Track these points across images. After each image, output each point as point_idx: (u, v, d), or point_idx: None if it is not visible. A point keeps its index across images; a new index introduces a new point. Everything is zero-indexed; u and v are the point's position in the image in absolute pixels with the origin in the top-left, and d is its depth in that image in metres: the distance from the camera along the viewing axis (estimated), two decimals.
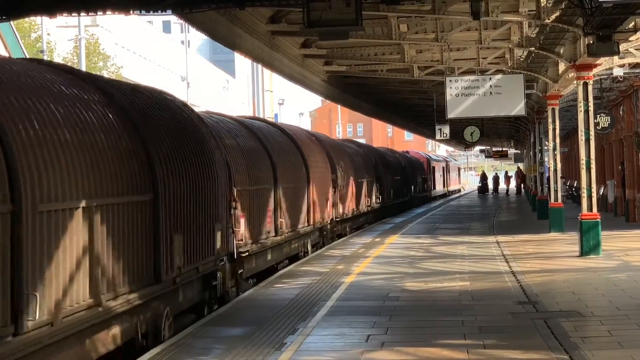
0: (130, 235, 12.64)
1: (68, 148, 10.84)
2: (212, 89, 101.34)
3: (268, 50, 26.81)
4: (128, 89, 15.03)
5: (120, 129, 12.94)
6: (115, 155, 12.37)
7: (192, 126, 16.97)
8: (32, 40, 51.06)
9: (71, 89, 12.32)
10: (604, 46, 19.63)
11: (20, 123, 9.98)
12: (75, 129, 11.30)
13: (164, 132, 14.84)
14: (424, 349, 12.20)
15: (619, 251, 23.97)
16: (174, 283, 14.38)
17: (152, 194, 13.51)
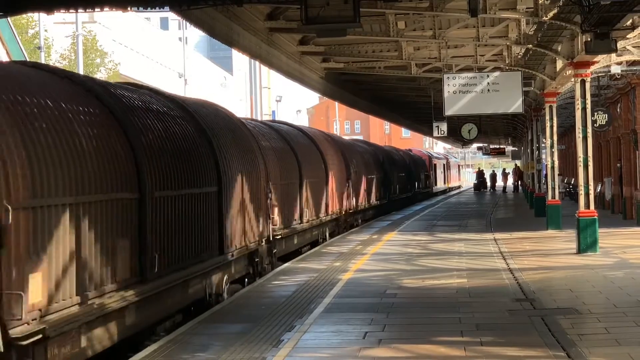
0: (206, 218, 16.79)
1: (169, 154, 15.12)
2: (210, 86, 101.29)
3: (266, 47, 26.79)
4: (198, 105, 19.62)
5: (200, 139, 17.46)
6: (197, 158, 16.66)
7: (240, 131, 21.16)
8: (30, 37, 51.01)
9: (163, 108, 16.65)
10: (602, 43, 19.62)
11: (141, 137, 14.02)
12: (172, 140, 15.61)
13: (225, 140, 19.05)
14: (421, 346, 12.21)
15: (616, 248, 23.99)
16: (232, 256, 18.35)
17: (217, 187, 17.61)
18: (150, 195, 13.62)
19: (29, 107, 10.88)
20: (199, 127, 17.76)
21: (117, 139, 13.19)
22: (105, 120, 13.15)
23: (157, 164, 14.23)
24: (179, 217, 15.16)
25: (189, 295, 15.76)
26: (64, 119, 11.66)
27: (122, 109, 13.97)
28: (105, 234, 12.16)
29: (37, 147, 10.52)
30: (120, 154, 13.09)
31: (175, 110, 17.32)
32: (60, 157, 11.05)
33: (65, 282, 10.89)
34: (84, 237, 11.40)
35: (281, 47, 28.37)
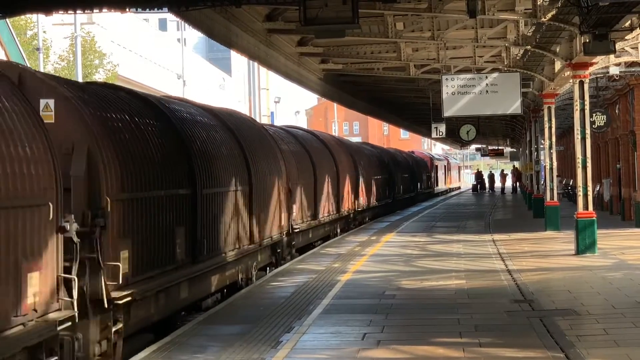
0: (240, 212, 19.44)
1: (212, 158, 17.84)
2: (208, 87, 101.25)
3: (264, 48, 26.79)
4: (228, 114, 22.56)
5: (234, 144, 20.14)
6: (233, 161, 19.39)
7: (264, 137, 24.10)
8: (28, 38, 50.97)
9: (204, 119, 19.44)
10: (600, 45, 19.62)
11: (193, 143, 16.99)
12: (213, 146, 18.39)
13: (253, 145, 21.86)
14: (419, 347, 12.21)
15: (615, 249, 23.99)
16: (259, 246, 21.09)
17: (249, 186, 20.26)
18: (200, 192, 16.57)
19: (115, 122, 13.78)
20: (232, 134, 20.57)
21: (176, 146, 16.11)
22: (166, 130, 16.12)
23: (204, 166, 17.10)
24: (220, 211, 18.01)
25: (225, 277, 18.46)
26: (139, 131, 14.57)
27: (178, 121, 17.01)
28: (169, 222, 14.96)
29: (126, 152, 13.43)
30: (178, 158, 15.98)
31: (212, 120, 20.15)
32: (139, 161, 13.86)
33: (143, 259, 13.63)
34: (155, 224, 14.23)
35: (280, 48, 28.38)
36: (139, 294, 13.10)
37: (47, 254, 10.40)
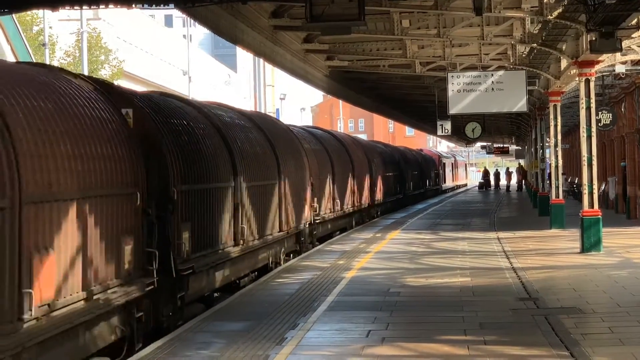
0: (271, 203, 22.31)
1: (250, 156, 20.71)
2: (214, 84, 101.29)
3: (270, 45, 26.80)
4: (260, 117, 26.24)
5: (266, 143, 22.92)
6: (265, 159, 22.30)
7: (290, 137, 26.99)
8: (34, 34, 50.98)
9: (241, 122, 22.40)
10: (607, 43, 19.60)
11: (234, 143, 19.70)
12: (250, 145, 21.29)
13: (282, 144, 24.62)
14: (424, 344, 12.21)
15: (620, 248, 23.97)
16: (287, 234, 23.96)
17: (278, 180, 23.11)
18: (240, 185, 19.34)
19: (177, 126, 16.68)
20: (264, 135, 23.35)
21: (221, 146, 18.89)
22: (214, 133, 18.90)
23: (244, 163, 19.91)
24: (256, 201, 20.75)
25: (259, 260, 21.33)
26: (194, 134, 17.44)
27: (222, 125, 19.81)
28: (220, 209, 17.87)
29: (186, 152, 16.22)
30: (224, 156, 18.75)
31: (247, 122, 23.11)
32: (196, 158, 16.71)
33: (199, 239, 16.28)
34: (207, 211, 17.02)
35: (285, 44, 28.37)
36: (196, 267, 15.73)
37: (136, 232, 13.36)
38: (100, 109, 13.03)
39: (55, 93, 11.86)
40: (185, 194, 15.62)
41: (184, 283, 15.39)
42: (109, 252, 12.25)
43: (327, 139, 35.71)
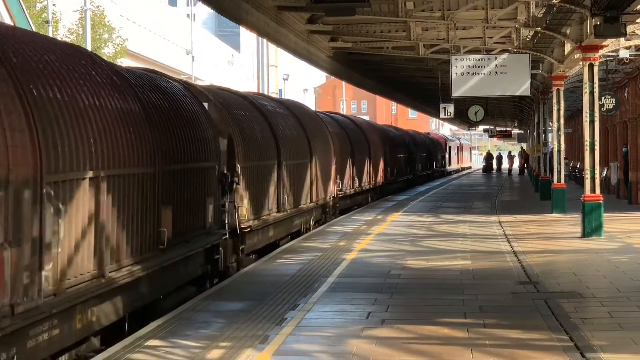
0: (305, 179, 26.87)
1: (288, 139, 25.04)
2: (217, 63, 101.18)
3: (274, 25, 26.73)
4: (292, 104, 30.63)
5: (299, 128, 27.21)
6: (300, 141, 26.69)
7: (318, 121, 31.59)
8: (38, 11, 50.91)
9: (278, 109, 26.59)
10: (611, 27, 19.57)
11: (277, 128, 24.06)
12: (289, 129, 25.68)
13: (312, 127, 29.06)
14: (424, 327, 12.23)
15: (621, 233, 23.98)
16: (316, 205, 28.52)
17: (309, 159, 27.51)
18: (282, 163, 23.66)
19: (238, 116, 21.11)
20: (298, 121, 27.65)
21: (269, 131, 23.25)
22: (262, 120, 23.19)
23: (284, 144, 24.15)
24: (293, 177, 25.12)
25: (293, 226, 25.69)
26: (249, 121, 21.72)
27: (267, 113, 24.21)
28: (268, 183, 22.35)
29: (245, 136, 20.58)
30: (271, 140, 23.15)
31: (284, 110, 27.41)
32: (252, 141, 21.10)
33: (255, 205, 20.76)
34: (259, 184, 21.36)
35: (289, 25, 28.31)
36: (253, 227, 20.15)
37: (215, 196, 17.40)
38: (192, 104, 17.19)
39: (168, 94, 16.04)
40: (245, 169, 19.86)
41: (244, 238, 19.72)
42: (202, 208, 16.48)
43: (347, 123, 39.81)
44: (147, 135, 13.53)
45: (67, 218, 10.55)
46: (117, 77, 13.51)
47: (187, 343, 11.42)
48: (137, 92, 14.00)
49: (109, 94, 12.57)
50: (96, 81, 12.40)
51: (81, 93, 11.51)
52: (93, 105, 11.72)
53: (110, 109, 12.34)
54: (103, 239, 11.63)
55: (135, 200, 12.93)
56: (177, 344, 11.38)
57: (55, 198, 10.17)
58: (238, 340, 11.43)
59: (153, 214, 13.64)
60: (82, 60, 12.55)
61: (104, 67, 13.34)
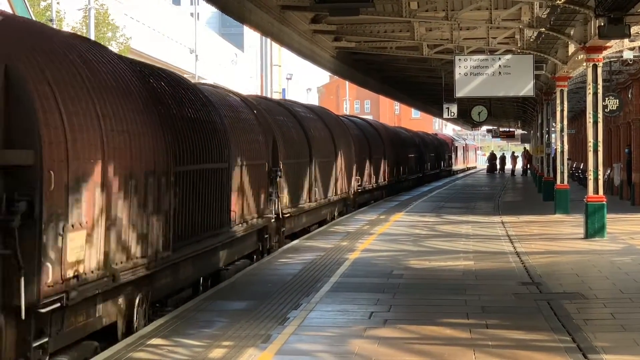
0: (330, 174, 30.65)
1: (318, 140, 29.04)
2: (221, 63, 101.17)
3: (278, 25, 26.74)
4: (319, 108, 35.93)
5: (326, 130, 31.30)
6: (327, 142, 30.73)
7: (341, 124, 35.66)
8: (42, 9, 50.92)
9: (309, 114, 30.78)
10: (615, 28, 19.54)
11: (309, 131, 28.23)
12: (317, 132, 29.62)
13: (337, 130, 33.22)
14: (426, 327, 12.23)
15: (624, 234, 23.97)
16: (340, 198, 32.51)
17: (334, 158, 31.40)
18: (313, 161, 27.76)
19: (279, 121, 25.06)
20: (324, 124, 31.77)
21: (302, 133, 27.27)
22: (296, 124, 27.31)
23: (315, 144, 28.23)
24: (322, 173, 29.13)
25: (322, 215, 30.08)
26: (287, 126, 25.87)
27: (300, 118, 28.30)
28: (302, 177, 26.52)
29: (285, 138, 24.47)
30: (304, 140, 27.18)
31: (313, 114, 31.42)
32: (290, 142, 25.07)
33: (292, 195, 24.70)
34: (295, 178, 25.30)
35: (293, 25, 28.32)
36: (291, 214, 24.47)
37: (265, 187, 21.57)
38: (249, 113, 21.25)
39: (231, 106, 20.12)
40: (285, 165, 23.74)
41: (284, 223, 23.81)
42: (255, 198, 20.39)
43: (365, 126, 43.94)
44: (227, 141, 17.78)
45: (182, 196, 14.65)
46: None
47: (190, 342, 11.43)
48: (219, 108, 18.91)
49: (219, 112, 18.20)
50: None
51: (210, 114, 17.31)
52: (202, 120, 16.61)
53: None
54: (211, 211, 16.51)
55: (212, 189, 16.55)
56: (179, 343, 11.40)
57: (183, 182, 14.66)
58: (240, 340, 11.44)
59: (227, 199, 17.67)
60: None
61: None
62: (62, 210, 10.09)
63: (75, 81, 10.86)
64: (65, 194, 10.18)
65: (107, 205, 11.36)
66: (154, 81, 14.67)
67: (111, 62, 12.79)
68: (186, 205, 14.82)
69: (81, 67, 11.27)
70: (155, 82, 14.70)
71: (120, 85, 12.44)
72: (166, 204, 13.60)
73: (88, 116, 10.84)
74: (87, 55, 11.86)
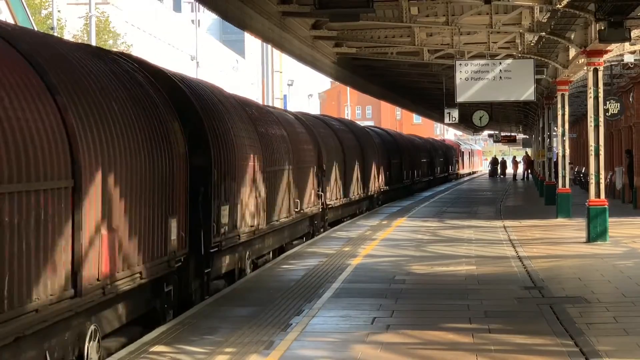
0: (360, 176, 36.93)
1: (351, 148, 35.64)
2: (222, 69, 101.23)
3: (278, 31, 26.76)
4: (349, 122, 43.02)
5: (355, 140, 37.37)
6: (356, 149, 36.89)
7: (367, 133, 42.15)
8: (43, 17, 51.04)
9: (342, 127, 37.47)
10: (616, 32, 19.56)
11: (343, 141, 34.92)
12: (349, 141, 36.07)
13: (365, 140, 39.85)
14: (429, 332, 12.24)
15: (626, 238, 23.96)
16: (367, 196, 38.75)
17: (363, 163, 37.44)
18: (346, 164, 33.71)
19: (320, 132, 30.43)
20: (353, 134, 38.16)
21: (337, 142, 33.22)
22: (333, 134, 33.12)
23: (347, 151, 34.23)
24: (353, 174, 35.08)
25: (353, 209, 36.47)
26: (327, 136, 31.81)
27: (335, 129, 34.52)
28: (338, 178, 31.88)
29: (325, 146, 30.19)
30: (339, 148, 33.08)
31: (344, 126, 38.02)
32: (329, 149, 30.74)
33: (332, 193, 30.86)
34: (334, 177, 30.99)
35: (294, 31, 28.35)
36: (333, 204, 30.85)
37: (314, 184, 27.26)
38: (300, 127, 27.69)
39: (289, 122, 26.39)
40: (327, 168, 29.83)
41: (328, 212, 30.37)
42: (308, 192, 26.56)
43: (385, 135, 50.30)
44: (290, 149, 24.18)
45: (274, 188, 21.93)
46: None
47: (193, 349, 11.42)
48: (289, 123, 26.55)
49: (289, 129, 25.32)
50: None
51: (286, 130, 24.82)
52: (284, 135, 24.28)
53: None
54: (272, 202, 21.77)
55: (283, 184, 23.07)
56: (182, 350, 11.39)
57: (269, 178, 21.30)
58: (243, 346, 11.44)
59: (291, 192, 23.97)
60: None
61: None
62: (219, 193, 16.48)
63: (238, 117, 19.58)
64: (226, 183, 17.03)
65: (239, 190, 18.22)
66: (248, 109, 21.49)
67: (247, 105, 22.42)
68: (270, 195, 21.34)
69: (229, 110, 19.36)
70: (249, 110, 21.59)
71: (244, 117, 20.51)
72: (263, 192, 20.41)
73: (239, 136, 18.77)
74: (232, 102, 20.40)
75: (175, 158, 14.17)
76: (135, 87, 13.57)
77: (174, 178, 14.04)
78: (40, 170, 9.52)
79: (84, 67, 11.86)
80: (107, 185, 11.20)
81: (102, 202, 11.02)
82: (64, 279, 10.13)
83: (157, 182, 13.21)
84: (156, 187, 13.18)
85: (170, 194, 13.86)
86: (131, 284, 12.20)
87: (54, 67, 10.82)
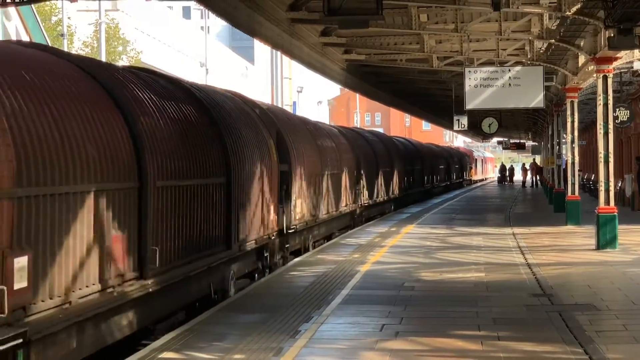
0: (384, 181, 42.17)
1: (381, 155, 42.78)
2: (231, 76, 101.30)
3: (288, 38, 26.77)
4: (380, 133, 51.78)
5: (386, 149, 44.56)
6: (385, 156, 43.32)
7: (395, 142, 49.62)
8: (53, 24, 51.16)
9: (371, 137, 43.39)
10: (625, 39, 19.54)
11: (377, 150, 42.37)
12: (380, 149, 42.98)
13: (392, 148, 46.68)
14: (438, 339, 12.23)
15: (636, 245, 23.92)
16: (394, 198, 45.18)
17: (391, 169, 44.18)
18: (379, 171, 39.96)
19: (357, 143, 37.40)
20: (384, 144, 44.25)
21: (371, 151, 39.52)
22: (367, 145, 39.49)
23: (379, 159, 40.73)
24: (383, 178, 40.85)
25: (384, 208, 41.63)
26: (362, 146, 38.19)
27: (369, 141, 41.07)
28: (372, 182, 38.71)
29: (362, 155, 36.59)
30: (373, 156, 39.18)
31: (375, 137, 43.86)
32: (364, 157, 37.20)
33: (366, 193, 37.02)
34: (370, 182, 37.97)
35: (303, 37, 28.36)
36: (367, 203, 36.41)
37: (353, 187, 33.36)
38: (342, 138, 33.38)
39: (336, 135, 32.58)
40: (363, 171, 35.03)
41: (364, 210, 35.92)
42: (350, 193, 31.23)
43: (407, 144, 56.53)
44: (340, 157, 29.57)
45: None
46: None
47: (202, 355, 11.44)
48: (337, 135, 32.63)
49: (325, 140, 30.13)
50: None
51: (325, 141, 30.18)
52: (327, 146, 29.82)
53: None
54: (325, 199, 28.02)
55: (336, 185, 29.58)
56: (191, 357, 11.41)
57: (325, 181, 27.87)
58: (252, 353, 11.45)
59: (340, 193, 30.04)
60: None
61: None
62: (295, 190, 23.37)
63: (302, 133, 26.94)
64: (299, 183, 23.87)
65: (306, 188, 24.97)
66: (309, 126, 27.03)
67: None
68: (325, 193, 27.99)
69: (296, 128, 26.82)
70: (309, 127, 27.96)
71: (307, 133, 27.31)
72: (322, 191, 27.14)
73: (306, 148, 26.03)
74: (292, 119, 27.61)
75: (272, 165, 21.15)
76: (251, 120, 21.05)
77: (271, 178, 20.92)
78: (212, 171, 16.59)
79: (232, 112, 19.50)
80: (247, 180, 18.69)
81: (240, 192, 17.97)
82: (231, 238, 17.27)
83: (264, 180, 20.15)
84: (264, 183, 20.07)
85: (269, 188, 20.71)
86: (252, 246, 18.99)
87: (220, 117, 17.97)
